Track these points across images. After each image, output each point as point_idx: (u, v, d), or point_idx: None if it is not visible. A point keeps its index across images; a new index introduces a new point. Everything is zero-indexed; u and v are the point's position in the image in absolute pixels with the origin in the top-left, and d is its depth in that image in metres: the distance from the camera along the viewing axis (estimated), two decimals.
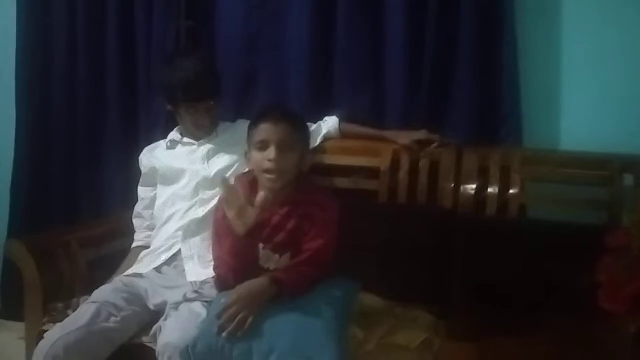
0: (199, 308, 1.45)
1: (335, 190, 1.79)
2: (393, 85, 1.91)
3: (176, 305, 1.47)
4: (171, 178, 1.77)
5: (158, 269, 1.66)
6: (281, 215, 1.49)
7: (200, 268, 1.62)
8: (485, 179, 1.75)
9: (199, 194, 1.72)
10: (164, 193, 1.78)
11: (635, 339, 1.34)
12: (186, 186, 1.73)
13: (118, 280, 1.63)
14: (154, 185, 1.83)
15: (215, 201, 1.67)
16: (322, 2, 1.95)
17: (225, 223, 1.47)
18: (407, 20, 1.87)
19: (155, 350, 1.39)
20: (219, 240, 1.51)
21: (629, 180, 1.69)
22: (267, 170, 1.46)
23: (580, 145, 1.80)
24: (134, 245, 1.82)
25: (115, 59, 2.20)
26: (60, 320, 1.53)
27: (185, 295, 1.50)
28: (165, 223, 1.73)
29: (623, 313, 1.47)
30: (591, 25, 1.82)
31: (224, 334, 1.30)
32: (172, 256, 1.67)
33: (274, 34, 2.05)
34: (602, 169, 1.70)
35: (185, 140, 1.80)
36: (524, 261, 1.59)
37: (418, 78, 1.88)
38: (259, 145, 1.48)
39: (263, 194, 1.38)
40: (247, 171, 1.65)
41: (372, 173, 1.84)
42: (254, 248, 1.45)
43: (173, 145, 1.81)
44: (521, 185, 1.73)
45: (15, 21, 2.31)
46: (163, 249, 1.69)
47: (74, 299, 1.63)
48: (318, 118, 1.89)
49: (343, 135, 1.86)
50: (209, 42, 2.14)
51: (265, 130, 1.48)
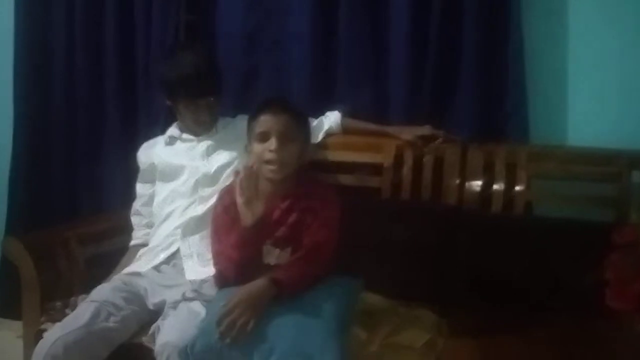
0: (197, 307, 1.44)
1: (338, 186, 1.77)
2: (396, 81, 1.90)
3: (175, 305, 1.46)
4: (170, 174, 1.75)
5: (157, 268, 1.64)
6: (282, 209, 1.49)
7: (199, 266, 1.61)
8: (490, 175, 1.74)
9: (198, 191, 1.70)
10: (162, 190, 1.76)
11: None
12: (185, 183, 1.72)
13: (117, 279, 1.62)
14: (152, 181, 1.81)
15: (214, 198, 1.66)
16: None
17: (226, 217, 1.48)
18: (411, 15, 1.85)
19: (153, 350, 1.38)
20: (218, 236, 1.51)
21: (636, 176, 1.67)
22: (268, 161, 1.47)
23: (587, 142, 1.79)
24: (132, 243, 1.81)
25: (114, 54, 2.20)
26: (58, 319, 1.53)
27: (184, 294, 1.49)
28: (164, 220, 1.72)
29: (630, 311, 1.45)
30: (597, 21, 1.80)
31: (227, 341, 1.28)
32: (171, 254, 1.66)
33: (275, 29, 2.04)
34: (610, 165, 1.69)
35: (184, 136, 1.78)
36: (529, 259, 1.59)
37: (422, 73, 1.86)
38: (260, 137, 1.49)
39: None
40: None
41: (375, 169, 1.82)
42: (260, 242, 1.44)
43: (172, 141, 1.79)
44: (527, 182, 1.72)
45: (13, 17, 2.30)
46: (162, 247, 1.67)
47: (72, 298, 1.63)
48: (320, 114, 1.87)
49: (345, 130, 1.84)
50: (209, 38, 2.13)
51: (265, 121, 1.48)
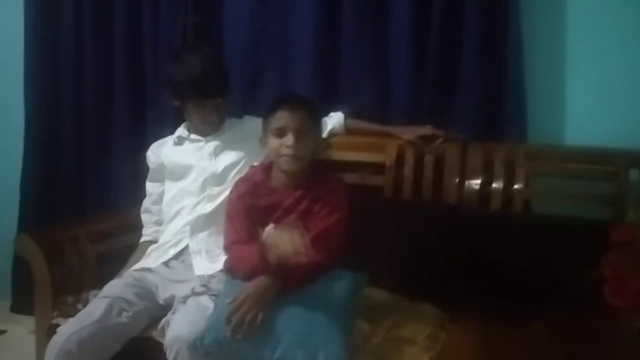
0: (206, 302, 1.45)
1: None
2: (398, 81, 1.91)
3: (184, 299, 1.48)
4: (179, 174, 1.77)
5: (166, 263, 1.67)
6: (294, 198, 1.52)
7: (207, 262, 1.63)
8: (490, 174, 1.75)
9: (206, 190, 1.73)
10: (171, 188, 1.79)
11: None
12: (194, 182, 1.74)
13: (128, 275, 1.63)
14: (161, 180, 1.84)
15: (222, 197, 1.69)
16: None
17: (240, 204, 1.54)
18: (412, 16, 1.86)
19: (162, 344, 1.40)
20: (231, 221, 1.56)
21: (634, 175, 1.68)
22: (285, 156, 1.50)
23: (585, 140, 1.79)
24: (142, 239, 1.84)
25: (123, 55, 2.22)
26: (70, 314, 1.55)
27: (193, 289, 1.50)
28: (173, 218, 1.74)
29: (628, 308, 1.47)
30: (596, 20, 1.81)
31: (238, 337, 1.31)
32: (180, 251, 1.68)
33: (280, 29, 2.06)
34: (608, 164, 1.69)
35: (192, 136, 1.80)
36: (528, 256, 1.59)
37: (423, 73, 1.88)
38: (277, 132, 1.51)
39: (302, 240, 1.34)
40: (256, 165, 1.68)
41: (377, 168, 1.84)
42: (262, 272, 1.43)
43: (180, 141, 1.82)
44: (526, 181, 1.73)
45: (22, 17, 2.32)
46: (171, 244, 1.70)
47: (84, 293, 1.65)
48: (324, 113, 1.88)
49: (348, 130, 1.86)
50: (216, 38, 2.14)
51: (283, 117, 1.51)
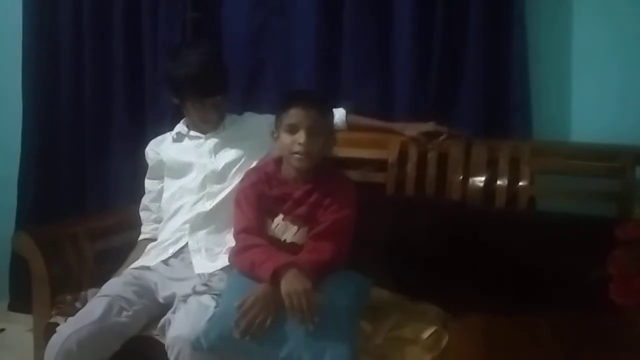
0: (208, 301, 1.44)
1: None
2: (401, 77, 1.90)
3: (185, 298, 1.47)
4: (178, 171, 1.76)
5: (165, 262, 1.65)
6: (304, 190, 1.53)
7: (207, 261, 1.62)
8: (494, 171, 1.74)
9: (206, 188, 1.71)
10: (171, 186, 1.77)
11: None
12: (194, 179, 1.73)
13: (127, 273, 1.62)
14: (160, 177, 1.82)
15: (222, 195, 1.68)
16: None
17: (251, 192, 1.56)
18: (415, 11, 1.85)
19: (162, 343, 1.40)
20: (241, 207, 1.57)
21: None
22: (296, 152, 1.51)
23: (590, 137, 1.79)
24: (141, 237, 1.82)
25: (122, 51, 2.21)
26: (68, 313, 1.54)
27: (194, 288, 1.49)
28: (173, 216, 1.73)
29: (633, 306, 1.46)
30: (601, 17, 1.80)
31: (247, 339, 1.30)
32: (179, 249, 1.67)
33: (281, 25, 2.05)
34: (613, 161, 1.69)
35: (192, 133, 1.78)
36: (533, 254, 1.58)
37: (426, 69, 1.87)
38: (289, 128, 1.51)
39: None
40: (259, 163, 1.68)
41: (380, 165, 1.83)
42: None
43: (180, 138, 1.80)
44: (531, 178, 1.72)
45: (21, 13, 2.31)
46: (170, 242, 1.69)
47: (82, 292, 1.64)
48: None
49: (350, 127, 1.85)
50: (215, 34, 2.13)
51: (296, 114, 1.51)
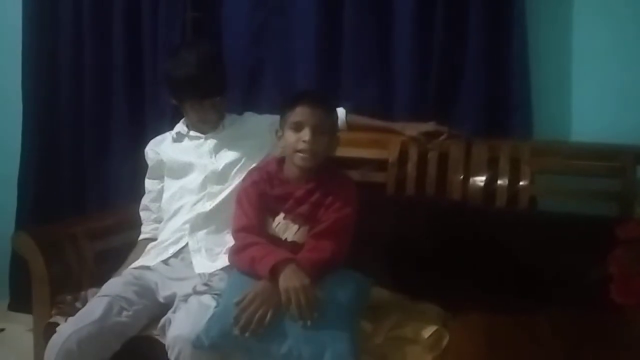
0: (208, 301, 1.44)
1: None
2: (401, 76, 1.90)
3: (185, 298, 1.47)
4: (179, 171, 1.76)
5: (165, 261, 1.65)
6: (306, 189, 1.53)
7: (207, 261, 1.61)
8: (494, 170, 1.74)
9: (206, 188, 1.71)
10: (171, 186, 1.77)
11: None
12: (194, 180, 1.72)
13: (128, 273, 1.62)
14: (160, 177, 1.82)
15: (222, 195, 1.68)
16: None
17: (252, 191, 1.56)
18: (416, 11, 1.85)
19: (162, 342, 1.39)
20: (242, 207, 1.57)
21: None
22: (300, 150, 1.51)
23: (591, 137, 1.78)
24: (141, 237, 1.82)
25: (122, 51, 2.21)
26: (68, 312, 1.54)
27: (194, 288, 1.49)
28: (173, 216, 1.73)
29: (634, 306, 1.46)
30: (603, 14, 1.80)
31: (247, 335, 1.30)
32: (179, 249, 1.66)
33: (281, 25, 2.05)
34: (614, 161, 1.69)
35: (191, 133, 1.78)
36: (534, 254, 1.58)
37: (427, 69, 1.86)
38: (294, 126, 1.51)
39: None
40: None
41: (380, 165, 1.83)
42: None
43: (179, 138, 1.79)
44: (531, 177, 1.72)
45: (21, 13, 2.31)
46: (170, 242, 1.68)
47: (82, 292, 1.63)
48: None
49: (350, 127, 1.84)
50: (215, 34, 2.13)
51: (302, 112, 1.51)
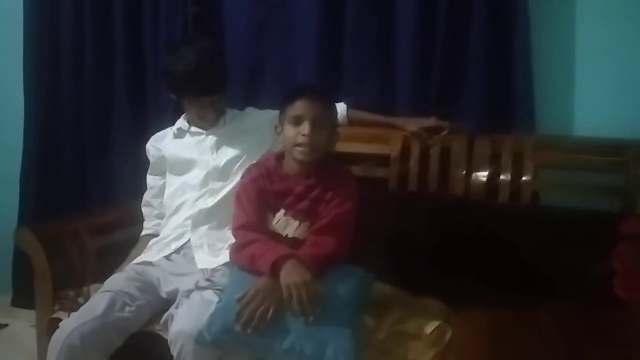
0: (211, 296, 1.44)
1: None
2: (403, 71, 1.90)
3: (188, 293, 1.47)
4: (181, 168, 1.75)
5: (167, 257, 1.65)
6: (306, 185, 1.53)
7: (210, 257, 1.61)
8: (497, 166, 1.74)
9: (208, 184, 1.70)
10: (173, 182, 1.77)
11: None
12: (196, 176, 1.72)
13: (130, 269, 1.62)
14: (162, 174, 1.82)
15: (225, 191, 1.68)
16: None
17: (252, 188, 1.55)
18: (418, 6, 1.84)
19: (165, 338, 1.39)
20: (241, 204, 1.56)
21: None
22: (300, 144, 1.51)
23: (594, 131, 1.77)
24: (143, 233, 1.82)
25: (123, 46, 2.20)
26: (71, 308, 1.54)
27: (197, 284, 1.49)
28: (175, 212, 1.73)
29: (637, 301, 1.45)
30: (606, 9, 1.79)
31: (249, 331, 1.30)
32: (182, 245, 1.66)
33: (282, 20, 2.04)
34: (617, 156, 1.68)
35: (193, 129, 1.77)
36: (537, 249, 1.58)
37: (429, 64, 1.86)
38: (294, 120, 1.52)
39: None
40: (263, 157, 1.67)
41: (382, 160, 1.82)
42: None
43: (181, 134, 1.79)
44: (534, 172, 1.71)
45: (22, 10, 2.31)
46: (173, 238, 1.68)
47: (85, 287, 1.64)
48: None
49: (351, 122, 1.84)
50: (217, 30, 2.12)
51: (301, 106, 1.51)
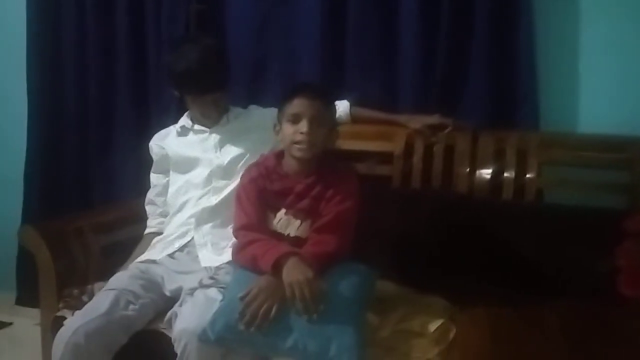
0: (214, 294, 1.44)
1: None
2: (406, 69, 1.89)
3: (191, 291, 1.47)
4: (184, 166, 1.75)
5: (171, 255, 1.65)
6: (306, 184, 1.53)
7: (213, 255, 1.62)
8: (501, 163, 1.73)
9: (212, 183, 1.71)
10: (177, 180, 1.77)
11: None
12: (199, 174, 1.72)
13: (134, 267, 1.62)
14: (166, 172, 1.82)
15: (228, 189, 1.68)
16: None
17: (251, 187, 1.55)
18: (421, 2, 1.83)
19: (168, 336, 1.40)
20: (241, 205, 1.56)
21: None
22: (298, 142, 1.51)
23: (598, 128, 1.77)
24: (147, 231, 1.82)
25: (126, 44, 2.20)
26: (75, 306, 1.55)
27: (200, 281, 1.49)
28: (179, 210, 1.73)
29: None
30: (609, 6, 1.78)
31: (252, 329, 1.31)
32: (185, 243, 1.67)
33: (285, 17, 2.03)
34: (621, 152, 1.67)
35: (196, 127, 1.77)
36: (541, 246, 1.58)
37: (432, 60, 1.85)
38: (292, 118, 1.52)
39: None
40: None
41: (386, 158, 1.82)
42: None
43: (184, 132, 1.79)
44: (538, 169, 1.71)
45: (25, 9, 2.31)
46: (176, 236, 1.68)
47: (89, 285, 1.64)
48: None
49: (354, 119, 1.84)
50: (219, 27, 2.12)
51: (299, 104, 1.51)
